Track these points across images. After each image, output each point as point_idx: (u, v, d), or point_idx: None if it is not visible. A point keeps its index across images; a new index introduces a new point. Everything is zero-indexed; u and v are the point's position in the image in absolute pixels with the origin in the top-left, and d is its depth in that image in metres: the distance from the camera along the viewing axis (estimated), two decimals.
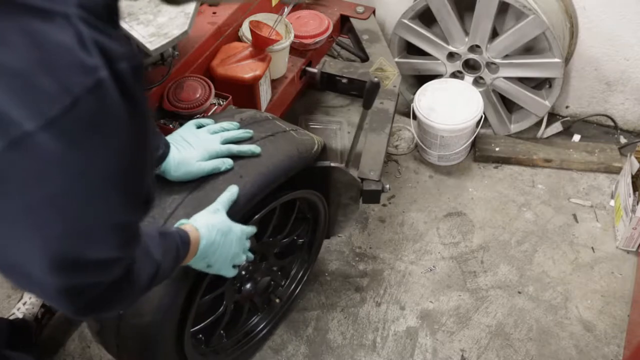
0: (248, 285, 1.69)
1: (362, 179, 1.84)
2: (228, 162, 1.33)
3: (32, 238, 0.66)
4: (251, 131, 1.42)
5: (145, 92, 0.73)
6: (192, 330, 1.53)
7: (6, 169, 0.60)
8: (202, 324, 1.60)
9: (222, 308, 1.62)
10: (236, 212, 1.29)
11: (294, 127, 1.57)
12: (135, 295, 0.87)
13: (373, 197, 1.84)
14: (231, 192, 1.28)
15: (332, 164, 1.68)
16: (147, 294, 0.93)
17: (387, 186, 1.83)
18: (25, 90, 0.58)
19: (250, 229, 1.32)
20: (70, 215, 0.66)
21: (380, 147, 1.93)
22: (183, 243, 1.08)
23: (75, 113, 0.59)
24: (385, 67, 2.20)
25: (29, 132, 0.58)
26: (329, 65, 2.18)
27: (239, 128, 1.42)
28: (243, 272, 1.65)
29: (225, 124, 1.41)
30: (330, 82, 2.21)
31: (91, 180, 0.65)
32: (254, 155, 1.37)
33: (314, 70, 2.17)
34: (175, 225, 1.17)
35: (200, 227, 1.16)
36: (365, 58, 2.29)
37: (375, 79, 1.64)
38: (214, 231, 1.18)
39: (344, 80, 2.17)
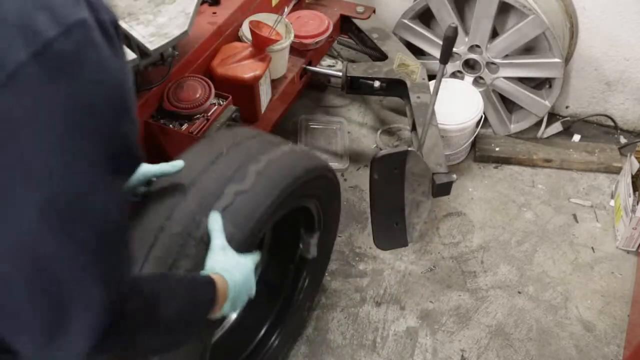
0: None
1: (433, 174, 1.78)
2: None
3: (23, 185, 0.62)
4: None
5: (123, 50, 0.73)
6: None
7: (3, 107, 0.59)
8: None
9: None
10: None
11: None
12: (137, 329, 0.80)
13: (445, 189, 1.78)
14: (218, 221, 1.16)
15: (409, 149, 1.64)
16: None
17: (454, 176, 1.80)
18: (20, 22, 0.59)
19: (257, 256, 1.21)
20: (67, 153, 0.63)
21: (435, 139, 1.89)
22: (204, 284, 0.99)
23: (63, 43, 0.61)
24: (407, 61, 2.17)
25: (19, 65, 0.58)
26: (353, 69, 2.15)
27: None
28: None
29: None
30: (354, 85, 2.17)
31: (79, 114, 0.63)
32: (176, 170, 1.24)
33: (338, 74, 2.15)
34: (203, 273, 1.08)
35: (222, 273, 1.05)
36: (380, 56, 2.28)
37: (453, 24, 1.53)
38: (236, 273, 1.08)
39: (377, 84, 2.13)
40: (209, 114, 1.65)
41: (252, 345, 1.72)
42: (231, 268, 1.08)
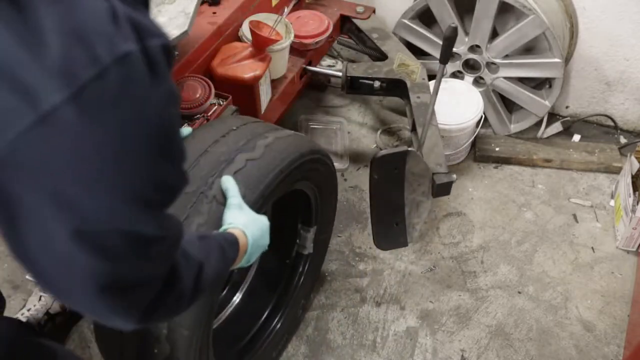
0: None
1: (433, 174, 1.78)
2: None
3: (63, 221, 0.62)
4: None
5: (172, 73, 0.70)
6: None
7: (35, 147, 0.58)
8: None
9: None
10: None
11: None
12: (184, 298, 0.85)
13: (444, 189, 1.79)
14: (232, 182, 1.26)
15: (409, 149, 1.66)
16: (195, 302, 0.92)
17: (454, 176, 1.80)
18: (55, 59, 0.56)
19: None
20: (101, 191, 0.63)
21: (435, 139, 1.89)
22: (230, 244, 1.07)
23: (101, 84, 0.58)
24: (407, 61, 2.17)
25: (56, 105, 0.56)
26: (353, 69, 2.15)
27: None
28: None
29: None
30: (354, 85, 2.17)
31: (116, 156, 0.62)
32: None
33: (338, 74, 2.14)
34: (220, 231, 1.17)
35: (242, 228, 1.15)
36: (380, 56, 2.28)
37: (453, 24, 1.54)
38: (254, 228, 1.17)
39: (377, 84, 2.13)
40: (209, 114, 1.65)
41: (250, 334, 1.78)
42: (250, 223, 1.17)
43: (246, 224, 1.17)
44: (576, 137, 2.56)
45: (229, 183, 1.26)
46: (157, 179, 0.69)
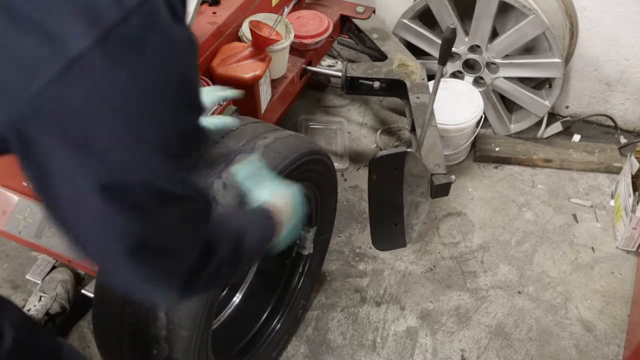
0: None
1: (432, 175, 1.77)
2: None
3: (92, 174, 0.62)
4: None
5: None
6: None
7: (64, 94, 0.57)
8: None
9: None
10: None
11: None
12: (223, 267, 0.84)
13: (443, 190, 1.78)
14: (257, 155, 1.27)
15: (408, 150, 1.66)
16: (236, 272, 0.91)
17: (453, 177, 1.80)
18: (79, 3, 0.56)
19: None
20: (128, 138, 0.63)
21: (434, 140, 1.88)
22: (266, 218, 1.05)
23: (126, 28, 0.58)
24: (407, 62, 2.17)
25: (83, 50, 0.56)
26: (352, 69, 2.15)
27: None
28: None
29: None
30: (353, 85, 2.16)
31: (141, 102, 0.62)
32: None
33: (338, 74, 2.14)
34: (256, 205, 1.14)
35: (278, 201, 1.12)
36: (380, 56, 2.28)
37: (452, 25, 1.54)
38: (290, 199, 1.15)
39: (376, 84, 2.12)
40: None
41: (250, 334, 1.78)
42: (286, 196, 1.15)
43: (281, 196, 1.14)
44: (576, 137, 2.56)
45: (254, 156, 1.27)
46: (181, 128, 0.69)
